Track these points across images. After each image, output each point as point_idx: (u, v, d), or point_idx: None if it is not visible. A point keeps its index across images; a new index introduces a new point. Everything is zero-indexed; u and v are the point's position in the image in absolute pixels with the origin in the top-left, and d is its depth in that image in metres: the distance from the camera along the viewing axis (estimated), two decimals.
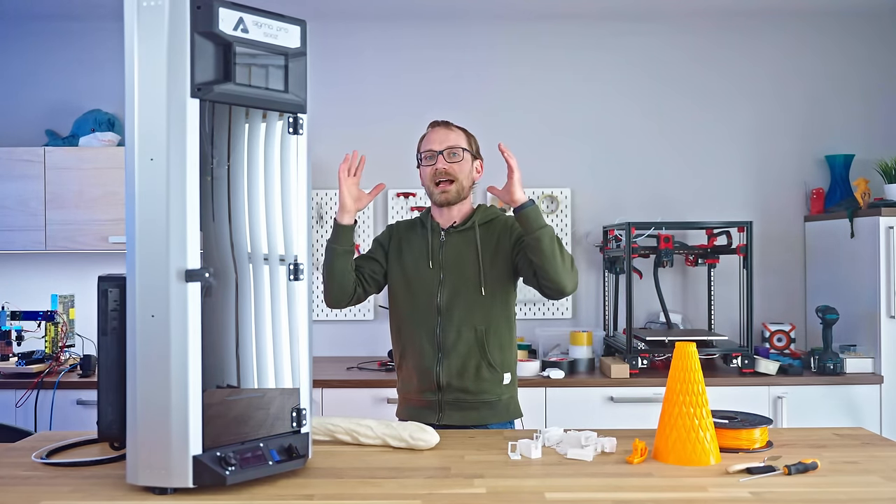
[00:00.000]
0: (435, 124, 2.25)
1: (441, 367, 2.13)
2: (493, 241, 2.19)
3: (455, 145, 2.19)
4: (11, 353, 3.31)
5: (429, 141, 2.22)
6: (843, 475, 1.54)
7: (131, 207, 1.41)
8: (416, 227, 2.29)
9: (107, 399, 1.53)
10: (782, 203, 3.81)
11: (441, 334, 2.14)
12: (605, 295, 3.76)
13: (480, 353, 2.14)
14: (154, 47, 1.39)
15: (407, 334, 2.20)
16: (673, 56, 3.82)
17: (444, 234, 2.22)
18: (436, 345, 2.15)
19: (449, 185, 2.17)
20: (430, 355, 2.15)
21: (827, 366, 3.21)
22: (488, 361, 2.14)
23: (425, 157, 2.22)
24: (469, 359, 2.13)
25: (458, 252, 2.19)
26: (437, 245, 2.21)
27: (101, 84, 3.78)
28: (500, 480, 1.50)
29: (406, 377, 2.22)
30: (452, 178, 2.17)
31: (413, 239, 2.25)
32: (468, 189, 2.22)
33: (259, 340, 1.51)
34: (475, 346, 2.14)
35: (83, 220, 3.43)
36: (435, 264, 2.19)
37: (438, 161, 2.17)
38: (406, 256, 2.23)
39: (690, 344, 1.65)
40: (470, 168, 2.22)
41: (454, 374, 2.13)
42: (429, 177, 2.19)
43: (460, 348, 2.13)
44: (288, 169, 1.55)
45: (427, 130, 2.26)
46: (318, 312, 3.73)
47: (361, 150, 3.75)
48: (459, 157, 2.19)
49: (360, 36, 3.83)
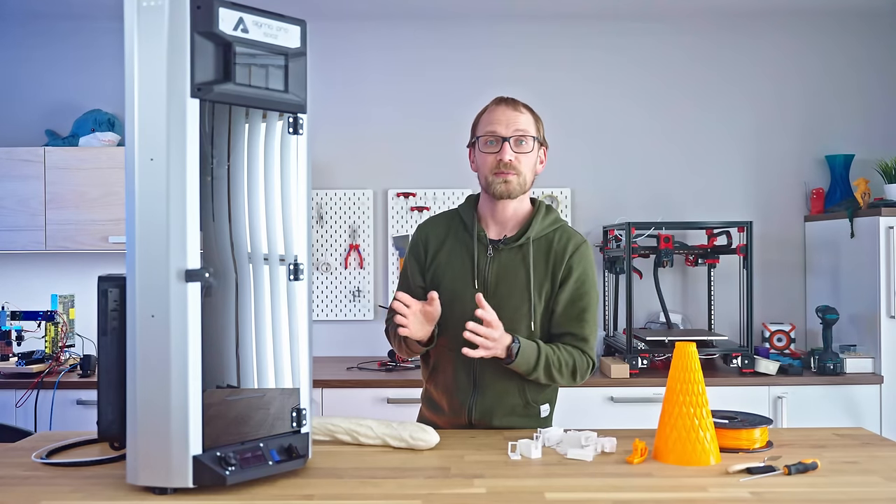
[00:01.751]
0: (500, 101, 1.92)
1: (474, 403, 1.92)
2: (544, 263, 1.91)
3: (525, 131, 1.89)
4: (11, 353, 3.31)
5: (492, 121, 1.89)
6: (843, 475, 1.54)
7: (131, 207, 1.41)
8: (454, 228, 1.98)
9: (107, 399, 1.53)
10: (782, 203, 3.81)
11: (478, 367, 1.90)
12: (605, 295, 3.76)
13: (518, 392, 1.92)
14: (154, 47, 1.39)
15: (441, 357, 1.96)
16: (673, 56, 3.82)
17: (491, 248, 1.92)
18: (471, 378, 1.92)
19: (512, 175, 1.87)
20: (464, 388, 1.93)
21: (827, 366, 3.21)
22: (526, 400, 1.93)
23: (485, 140, 1.89)
24: (505, 396, 1.92)
25: (506, 274, 1.90)
26: (483, 261, 1.91)
27: (101, 84, 3.78)
28: (500, 480, 1.50)
29: (436, 399, 2.01)
30: (517, 171, 1.87)
31: (453, 247, 1.95)
32: (531, 184, 1.93)
33: (259, 340, 1.51)
34: (514, 385, 1.91)
35: (83, 220, 3.43)
36: (479, 285, 1.90)
37: (504, 150, 1.86)
38: (445, 268, 1.94)
39: (690, 344, 1.64)
40: (535, 159, 1.93)
41: (487, 412, 1.92)
42: (489, 165, 1.88)
43: (497, 386, 1.90)
44: (288, 169, 1.55)
45: (489, 106, 1.94)
46: (318, 312, 3.73)
47: (361, 150, 3.80)
48: (528, 146, 1.89)
49: (360, 36, 3.83)
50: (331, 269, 3.78)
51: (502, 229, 1.96)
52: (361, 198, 3.79)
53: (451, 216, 2.02)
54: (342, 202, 3.79)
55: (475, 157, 1.95)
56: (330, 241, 3.79)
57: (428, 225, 2.03)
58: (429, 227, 2.02)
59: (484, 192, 1.96)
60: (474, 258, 1.91)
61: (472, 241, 1.93)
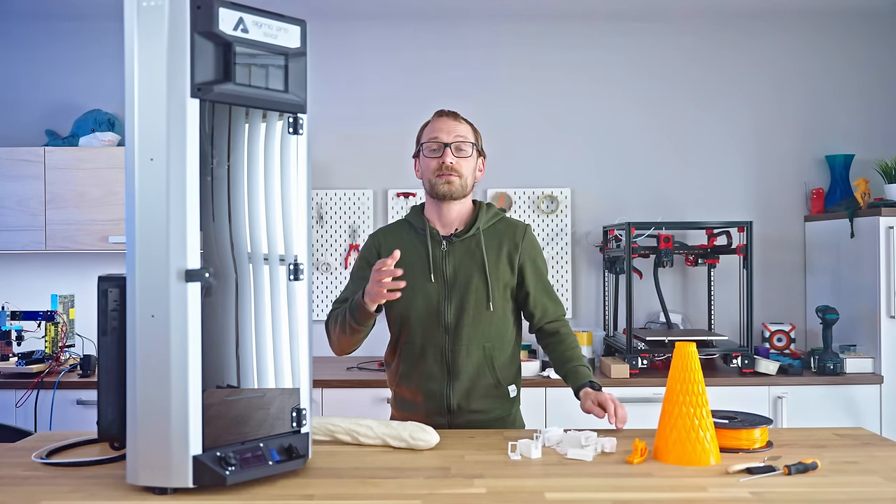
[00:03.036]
0: (441, 113, 2.09)
1: (451, 389, 2.02)
2: (497, 249, 2.07)
3: (464, 138, 2.05)
4: (11, 353, 3.31)
5: (434, 129, 2.06)
6: (843, 475, 1.54)
7: (131, 207, 1.41)
8: (406, 233, 2.11)
9: (107, 399, 1.53)
10: (782, 203, 3.81)
11: (450, 354, 2.02)
12: (605, 295, 3.76)
13: (490, 371, 2.04)
14: (154, 47, 1.39)
15: (409, 354, 2.06)
16: (673, 56, 3.82)
17: (445, 243, 2.06)
18: (445, 366, 2.02)
19: (454, 176, 2.02)
20: (439, 377, 2.03)
21: (827, 366, 3.21)
22: (497, 379, 2.05)
23: (428, 147, 2.05)
24: (478, 378, 2.03)
25: (462, 263, 2.04)
26: (438, 255, 2.05)
27: (101, 84, 3.78)
28: (500, 480, 1.50)
29: (408, 397, 2.08)
30: (458, 173, 2.03)
31: (407, 248, 2.05)
32: (471, 188, 2.08)
33: (259, 340, 1.51)
34: (484, 364, 2.04)
35: (83, 220, 3.43)
36: (438, 277, 2.03)
37: (445, 154, 2.02)
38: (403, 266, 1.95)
39: (690, 344, 1.65)
40: (475, 165, 2.09)
41: (464, 396, 2.03)
42: (432, 169, 2.04)
43: (469, 368, 2.02)
44: (288, 169, 1.55)
45: (432, 118, 2.10)
46: (318, 312, 3.73)
47: (361, 150, 3.80)
48: (467, 152, 2.05)
49: (360, 36, 3.83)
50: (331, 269, 3.78)
51: (449, 228, 2.09)
52: (361, 198, 3.79)
53: (401, 224, 2.16)
54: (342, 202, 3.79)
55: (420, 164, 2.11)
56: (330, 241, 3.79)
57: (379, 234, 2.17)
58: (380, 235, 2.15)
59: (429, 196, 2.10)
60: (429, 253, 2.05)
61: (426, 239, 2.07)
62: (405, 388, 2.08)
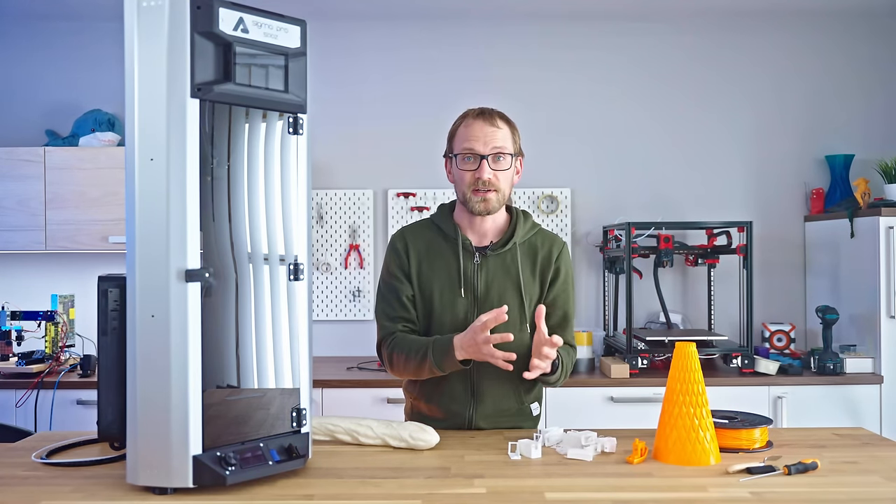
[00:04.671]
0: (478, 115, 1.87)
1: (474, 411, 1.91)
2: (531, 265, 1.92)
3: (502, 148, 1.85)
4: (11, 353, 3.31)
5: (470, 137, 1.85)
6: (843, 475, 1.54)
7: (131, 207, 1.41)
8: (434, 238, 1.94)
9: (107, 399, 1.53)
10: (782, 203, 3.81)
11: (476, 376, 1.89)
12: (605, 295, 3.76)
13: (515, 395, 1.93)
14: (154, 47, 1.39)
15: None
16: (673, 56, 3.82)
17: (478, 256, 1.90)
18: (469, 388, 1.90)
19: (491, 192, 1.86)
20: (462, 399, 1.91)
21: (827, 366, 3.21)
22: (521, 402, 1.95)
23: (463, 157, 1.87)
24: (503, 400, 1.92)
25: (495, 278, 1.89)
26: (470, 268, 1.89)
27: (101, 84, 3.78)
28: (500, 480, 1.50)
29: (426, 412, 1.96)
30: (496, 188, 1.86)
31: (436, 257, 1.91)
32: (508, 196, 1.91)
33: (259, 340, 1.51)
34: (510, 388, 1.91)
35: (83, 220, 3.43)
36: (468, 292, 1.88)
37: (482, 168, 1.83)
38: (431, 279, 1.90)
39: (690, 344, 1.65)
40: (513, 172, 1.91)
41: (488, 418, 1.92)
42: (467, 182, 1.86)
43: (495, 391, 1.90)
44: (288, 169, 1.55)
45: (467, 119, 1.89)
46: (318, 312, 3.73)
47: (361, 150, 3.80)
48: (507, 163, 1.86)
49: (360, 36, 3.83)
50: (331, 269, 3.78)
51: (482, 238, 1.94)
52: (361, 198, 3.79)
53: (427, 225, 1.98)
54: (342, 202, 3.79)
55: (452, 169, 1.92)
56: (330, 241, 3.79)
57: (406, 233, 1.97)
58: (408, 237, 1.96)
59: (461, 205, 1.94)
60: (461, 266, 1.89)
61: (457, 249, 1.91)
62: (424, 404, 1.97)
